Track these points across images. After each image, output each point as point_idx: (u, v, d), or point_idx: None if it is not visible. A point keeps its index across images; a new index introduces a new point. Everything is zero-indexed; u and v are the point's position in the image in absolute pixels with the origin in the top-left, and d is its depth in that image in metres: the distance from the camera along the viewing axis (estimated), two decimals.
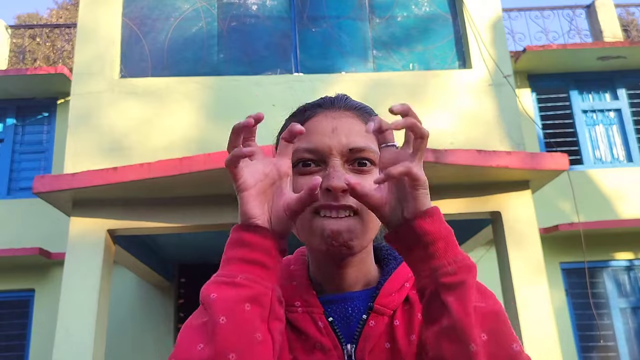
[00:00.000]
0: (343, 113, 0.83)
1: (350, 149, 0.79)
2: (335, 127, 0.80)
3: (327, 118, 0.82)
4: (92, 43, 5.15)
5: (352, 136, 0.80)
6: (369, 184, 0.76)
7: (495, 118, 5.01)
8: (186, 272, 6.93)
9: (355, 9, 5.50)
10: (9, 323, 6.86)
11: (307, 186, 0.71)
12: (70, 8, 18.83)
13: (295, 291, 0.83)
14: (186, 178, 4.16)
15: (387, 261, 0.89)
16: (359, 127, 0.82)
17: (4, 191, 7.30)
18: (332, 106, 0.85)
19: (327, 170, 0.79)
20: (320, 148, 0.79)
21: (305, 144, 0.80)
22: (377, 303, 0.81)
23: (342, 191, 0.76)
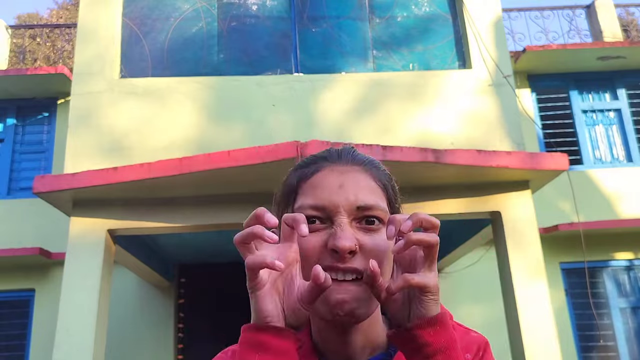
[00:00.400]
0: (350, 167, 0.78)
1: (358, 206, 0.74)
2: (342, 184, 0.76)
3: (333, 173, 0.77)
4: (92, 43, 5.15)
5: (360, 193, 0.75)
6: (377, 243, 0.73)
7: (495, 118, 5.01)
8: (186, 272, 6.93)
9: (355, 9, 5.50)
10: (9, 323, 6.86)
11: (312, 275, 0.66)
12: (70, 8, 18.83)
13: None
14: (186, 178, 4.16)
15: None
16: (367, 182, 0.77)
17: (4, 191, 7.30)
18: (339, 160, 0.80)
19: (334, 228, 0.74)
20: (327, 205, 0.74)
21: (311, 201, 0.75)
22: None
23: (349, 252, 0.72)
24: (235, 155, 4.06)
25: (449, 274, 6.57)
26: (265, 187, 4.43)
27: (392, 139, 4.73)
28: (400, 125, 4.95)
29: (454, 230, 5.67)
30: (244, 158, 4.02)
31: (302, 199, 0.76)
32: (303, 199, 0.76)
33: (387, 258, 0.74)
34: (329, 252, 0.73)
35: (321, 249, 0.73)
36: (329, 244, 0.73)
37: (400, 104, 5.04)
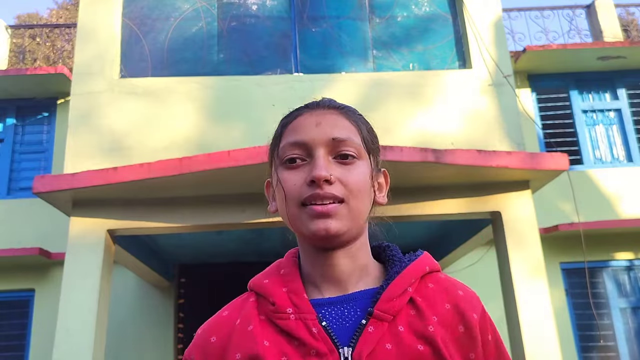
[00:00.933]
0: (327, 111, 0.87)
1: (333, 138, 0.82)
2: (320, 122, 0.84)
3: (312, 116, 0.86)
4: (92, 43, 5.15)
5: (335, 129, 0.84)
6: (352, 174, 0.81)
7: (495, 118, 5.00)
8: (186, 272, 6.93)
9: (355, 9, 5.50)
10: (9, 323, 6.86)
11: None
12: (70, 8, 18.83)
13: (287, 297, 0.83)
14: (186, 178, 4.16)
15: (391, 263, 0.88)
16: (341, 121, 0.85)
17: (4, 191, 7.30)
18: (317, 106, 0.89)
19: (313, 162, 0.82)
20: (306, 140, 0.83)
21: (292, 139, 0.84)
22: (378, 308, 0.79)
23: (325, 181, 0.79)
24: (235, 155, 4.06)
25: (449, 274, 6.56)
26: None
27: (392, 139, 4.72)
28: (400, 125, 4.95)
29: (454, 230, 5.67)
30: (244, 158, 4.02)
31: (285, 140, 0.85)
32: (285, 139, 0.85)
33: (363, 189, 0.82)
34: (308, 184, 0.80)
35: (302, 184, 0.81)
36: (308, 177, 0.81)
37: (400, 104, 5.04)
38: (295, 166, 0.83)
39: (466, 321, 0.82)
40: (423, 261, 0.88)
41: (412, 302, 0.82)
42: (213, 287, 6.85)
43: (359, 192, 0.81)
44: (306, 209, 0.80)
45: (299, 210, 0.81)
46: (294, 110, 0.90)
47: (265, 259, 6.66)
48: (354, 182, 0.81)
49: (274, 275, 0.87)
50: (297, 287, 0.84)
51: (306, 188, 0.80)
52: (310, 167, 0.81)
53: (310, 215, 0.80)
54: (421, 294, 0.84)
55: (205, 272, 6.86)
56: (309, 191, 0.80)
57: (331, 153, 0.83)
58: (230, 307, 0.89)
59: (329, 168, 0.80)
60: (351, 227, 0.81)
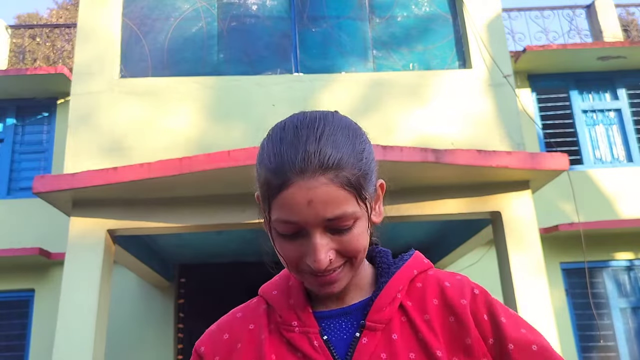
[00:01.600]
0: (317, 181, 0.76)
1: (328, 219, 0.77)
2: (311, 199, 0.76)
3: (301, 190, 0.76)
4: (92, 43, 5.15)
5: (328, 207, 0.76)
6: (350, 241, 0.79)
7: (495, 118, 5.00)
8: (186, 272, 6.93)
9: (355, 9, 5.50)
10: (9, 323, 6.86)
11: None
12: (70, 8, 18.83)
13: (293, 310, 0.86)
14: (186, 178, 4.16)
15: (381, 269, 0.89)
16: (334, 193, 0.76)
17: (4, 191, 7.30)
18: (304, 173, 0.76)
19: (309, 241, 0.78)
20: (299, 221, 0.77)
21: (284, 216, 0.78)
22: (369, 320, 0.82)
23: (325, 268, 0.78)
24: (235, 155, 4.06)
25: None
26: None
27: (392, 139, 4.73)
28: (400, 125, 4.95)
29: (454, 230, 5.67)
30: (244, 158, 4.02)
31: (276, 214, 0.79)
32: (276, 214, 0.79)
33: (363, 243, 0.82)
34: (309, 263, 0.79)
35: (301, 258, 0.80)
36: (308, 261, 0.79)
37: (400, 104, 5.04)
38: (291, 238, 0.80)
39: (454, 310, 0.83)
40: (410, 265, 0.89)
41: (402, 307, 0.84)
42: (213, 287, 6.86)
43: (359, 252, 0.81)
44: (308, 275, 0.81)
45: (301, 275, 0.83)
46: (278, 170, 0.78)
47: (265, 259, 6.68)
48: (353, 248, 0.80)
49: (283, 286, 0.90)
50: (301, 301, 0.87)
51: (306, 265, 0.79)
52: (308, 246, 0.78)
53: (313, 283, 0.82)
54: (411, 296, 0.86)
55: (205, 272, 6.86)
56: (309, 269, 0.79)
57: (326, 229, 0.78)
58: (243, 309, 0.92)
59: (327, 250, 0.78)
60: (353, 277, 0.84)
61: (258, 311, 0.90)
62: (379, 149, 4.09)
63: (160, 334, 6.65)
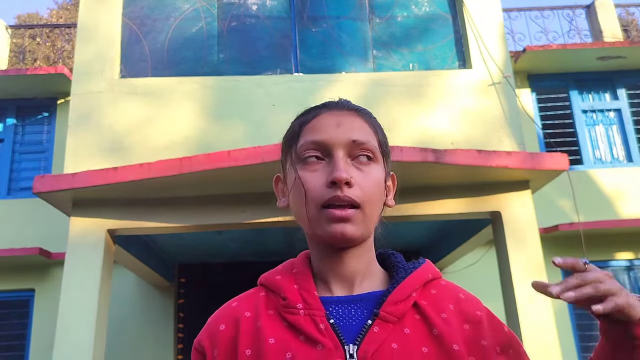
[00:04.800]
0: (346, 112, 0.88)
1: (353, 140, 0.84)
2: (340, 123, 0.85)
3: (332, 115, 0.87)
4: (92, 43, 5.15)
5: (355, 130, 0.85)
6: (369, 177, 0.83)
7: (495, 118, 5.00)
8: (186, 272, 6.93)
9: (355, 9, 5.50)
10: (9, 323, 6.86)
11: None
12: (70, 8, 18.83)
13: (298, 293, 0.86)
14: (186, 178, 4.16)
15: (395, 269, 0.90)
16: (360, 123, 0.87)
17: (4, 191, 7.30)
18: (336, 106, 0.89)
19: (332, 163, 0.83)
20: (326, 140, 0.84)
21: (311, 137, 0.85)
22: (383, 310, 0.82)
23: (345, 183, 0.81)
24: (235, 155, 4.06)
25: (449, 274, 6.56)
26: (265, 187, 4.43)
27: (392, 139, 4.67)
28: (401, 125, 4.95)
29: (454, 230, 5.67)
30: (244, 158, 4.02)
31: (304, 138, 0.86)
32: (305, 138, 0.85)
33: (378, 193, 0.85)
34: (329, 185, 0.82)
35: (321, 186, 0.82)
36: (328, 178, 0.82)
37: (400, 104, 5.04)
38: (314, 165, 0.84)
39: (470, 318, 0.85)
40: (426, 269, 0.91)
41: (416, 306, 0.85)
42: (213, 287, 6.85)
43: (373, 196, 0.83)
44: (325, 211, 0.82)
45: (318, 212, 0.82)
46: (312, 108, 0.91)
47: (265, 259, 6.71)
48: (370, 186, 0.83)
49: (287, 272, 0.90)
50: (308, 284, 0.87)
51: (326, 190, 0.82)
52: (330, 169, 0.82)
53: (329, 219, 0.81)
54: (425, 299, 0.87)
55: (205, 272, 6.86)
56: (329, 193, 0.81)
57: (350, 155, 0.84)
58: (239, 298, 0.92)
59: (348, 170, 0.82)
60: (364, 232, 0.84)
61: (255, 298, 0.89)
62: None
63: (160, 333, 6.65)
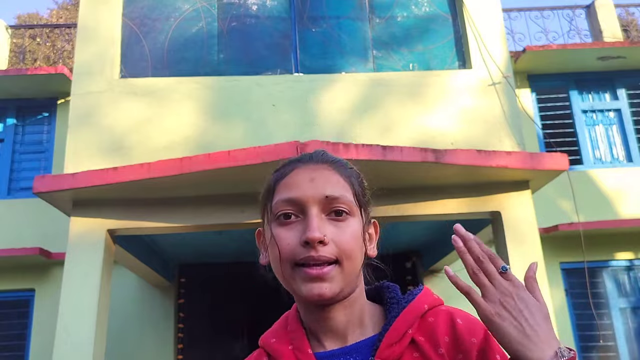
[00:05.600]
0: (320, 166, 0.86)
1: (326, 196, 0.81)
2: (313, 178, 0.83)
3: (306, 171, 0.85)
4: (92, 43, 5.15)
5: (328, 185, 0.82)
6: (345, 233, 0.81)
7: (495, 118, 5.01)
8: (186, 272, 6.93)
9: (355, 9, 5.50)
10: (9, 323, 6.86)
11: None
12: (70, 8, 18.83)
13: (293, 355, 0.85)
14: (186, 178, 4.16)
15: (390, 305, 0.88)
16: (334, 177, 0.84)
17: (4, 191, 7.30)
18: (311, 160, 0.87)
19: (306, 219, 0.81)
20: (300, 197, 0.81)
21: (285, 195, 0.83)
22: (378, 357, 0.80)
23: (319, 242, 0.78)
24: (235, 155, 4.06)
25: None
26: None
27: (392, 139, 4.73)
28: (401, 125, 4.95)
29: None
30: (244, 158, 4.02)
31: (278, 196, 0.84)
32: (279, 195, 0.84)
33: (356, 247, 0.82)
34: (302, 245, 0.79)
35: (295, 244, 0.80)
36: (302, 238, 0.79)
37: (400, 104, 5.04)
38: (288, 223, 0.82)
39: (463, 347, 0.81)
40: (421, 300, 0.87)
41: (413, 343, 0.82)
42: (213, 287, 6.86)
43: (351, 252, 0.81)
44: (300, 271, 0.80)
45: (293, 271, 0.81)
46: (287, 163, 0.89)
47: None
48: (346, 242, 0.80)
49: (281, 333, 0.89)
50: (301, 343, 0.85)
51: (300, 249, 0.79)
52: (304, 227, 0.80)
53: (304, 278, 0.79)
54: (423, 331, 0.84)
55: (205, 272, 6.86)
56: (303, 253, 0.79)
57: (324, 210, 0.81)
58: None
59: (322, 228, 0.80)
60: (344, 287, 0.81)
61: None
62: (379, 149, 4.09)
63: (160, 333, 6.65)
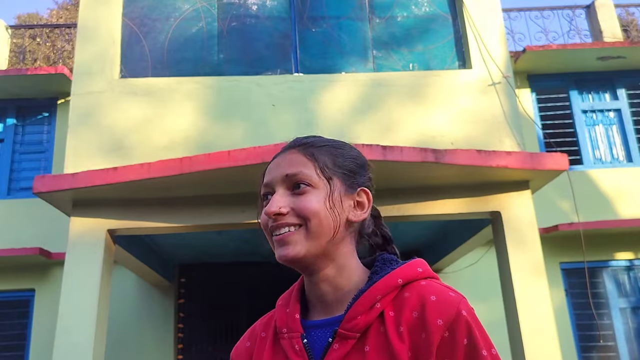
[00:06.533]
0: (288, 152, 0.96)
1: (286, 174, 0.92)
2: (279, 163, 0.95)
3: (277, 158, 0.97)
4: (93, 43, 5.15)
5: (289, 166, 0.93)
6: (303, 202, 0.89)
7: (495, 118, 5.01)
8: (186, 272, 6.93)
9: (355, 9, 5.50)
10: (9, 323, 6.86)
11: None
12: (70, 8, 18.83)
13: (285, 318, 0.95)
14: (186, 178, 4.16)
15: (371, 277, 0.91)
16: (297, 158, 0.94)
17: (4, 191, 7.30)
18: (284, 149, 0.98)
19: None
20: (269, 181, 0.95)
21: (264, 181, 0.96)
22: (342, 328, 0.85)
23: (274, 215, 0.89)
24: (235, 155, 4.06)
25: (448, 274, 6.57)
26: None
27: (392, 139, 4.73)
28: (401, 125, 4.95)
29: (454, 230, 5.67)
30: (244, 158, 4.02)
31: (262, 182, 0.97)
32: (262, 181, 0.97)
33: (318, 211, 0.88)
34: (269, 217, 0.91)
35: (267, 219, 0.92)
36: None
37: (400, 104, 5.04)
38: (267, 202, 0.93)
39: (427, 327, 0.80)
40: (396, 274, 0.87)
41: (382, 316, 0.84)
42: (213, 287, 6.86)
43: (313, 215, 0.88)
44: (273, 238, 0.91)
45: (271, 240, 0.92)
46: (275, 155, 1.01)
47: (265, 259, 6.68)
48: (304, 208, 0.88)
49: (286, 297, 0.99)
50: (293, 309, 0.95)
51: (269, 220, 0.91)
52: None
53: (275, 244, 0.91)
54: (394, 306, 0.85)
55: (205, 272, 6.86)
56: (270, 223, 0.91)
57: (288, 187, 0.92)
58: (263, 318, 1.03)
59: (281, 202, 0.90)
60: (311, 249, 0.88)
61: (271, 320, 0.99)
62: (379, 149, 4.09)
63: (161, 333, 6.65)
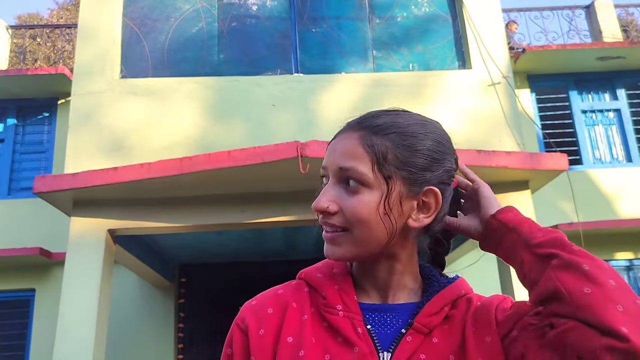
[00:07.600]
0: (348, 134, 0.86)
1: (340, 167, 0.83)
2: (335, 149, 0.86)
3: (337, 138, 0.88)
4: (93, 43, 5.16)
5: (343, 157, 0.84)
6: (353, 204, 0.81)
7: (495, 118, 5.01)
8: (187, 272, 6.94)
9: (355, 9, 5.50)
10: (9, 323, 6.86)
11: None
12: (71, 8, 18.84)
13: (338, 294, 0.87)
14: (186, 178, 4.16)
15: (429, 282, 0.93)
16: (354, 148, 0.83)
17: (5, 191, 7.31)
18: (348, 127, 0.88)
19: None
20: (325, 165, 0.87)
21: (323, 161, 0.88)
22: (417, 321, 0.84)
23: (320, 212, 0.83)
24: (235, 155, 4.06)
25: (448, 274, 6.56)
26: (265, 187, 4.44)
27: None
28: None
29: None
30: (244, 158, 4.03)
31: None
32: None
33: (366, 218, 0.81)
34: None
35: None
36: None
37: (400, 104, 4.98)
38: (323, 185, 0.87)
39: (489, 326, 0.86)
40: (459, 286, 0.93)
41: (447, 318, 0.87)
42: (213, 287, 6.87)
43: (359, 222, 0.81)
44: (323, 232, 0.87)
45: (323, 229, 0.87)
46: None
47: (266, 259, 6.66)
48: (352, 213, 0.81)
49: (327, 272, 0.92)
50: (347, 287, 0.88)
51: (319, 214, 0.85)
52: None
53: (324, 239, 0.86)
54: (456, 312, 0.89)
55: (205, 272, 6.87)
56: (320, 217, 0.85)
57: (340, 180, 0.84)
58: (284, 287, 0.92)
59: (330, 198, 0.83)
60: (359, 253, 0.85)
61: (300, 291, 0.90)
62: None
63: (161, 333, 6.65)
